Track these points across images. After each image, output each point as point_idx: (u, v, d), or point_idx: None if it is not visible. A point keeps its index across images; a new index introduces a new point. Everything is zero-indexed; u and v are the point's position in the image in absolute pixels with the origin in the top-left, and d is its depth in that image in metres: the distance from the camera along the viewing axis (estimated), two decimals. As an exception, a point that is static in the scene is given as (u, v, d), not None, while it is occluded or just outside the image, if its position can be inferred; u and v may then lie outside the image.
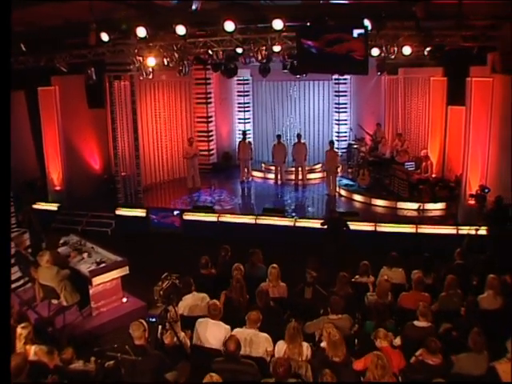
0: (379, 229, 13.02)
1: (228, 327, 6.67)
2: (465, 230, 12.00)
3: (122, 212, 14.58)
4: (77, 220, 14.58)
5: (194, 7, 13.78)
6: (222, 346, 6.05)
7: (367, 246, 11.58)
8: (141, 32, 11.35)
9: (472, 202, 12.96)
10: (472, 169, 13.10)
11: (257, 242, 10.21)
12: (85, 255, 9.48)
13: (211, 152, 20.28)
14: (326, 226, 11.95)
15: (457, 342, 6.60)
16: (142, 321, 6.11)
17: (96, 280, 8.83)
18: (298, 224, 13.37)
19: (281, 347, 6.17)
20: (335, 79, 19.69)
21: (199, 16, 11.41)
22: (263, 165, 19.96)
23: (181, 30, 11.00)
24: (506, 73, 11.88)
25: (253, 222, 13.55)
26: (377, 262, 9.28)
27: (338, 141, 20.00)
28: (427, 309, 6.88)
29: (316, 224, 12.71)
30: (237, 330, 6.56)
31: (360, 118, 19.96)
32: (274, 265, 8.31)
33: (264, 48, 11.56)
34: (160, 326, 6.48)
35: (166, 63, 14.54)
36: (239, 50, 13.56)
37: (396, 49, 11.97)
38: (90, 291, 8.91)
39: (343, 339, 5.93)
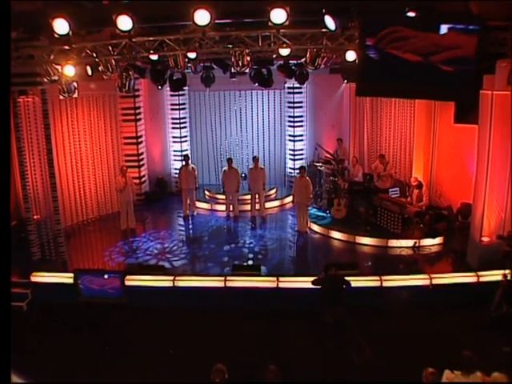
0: (386, 284, 10.10)
1: None
2: (489, 276, 10.08)
3: (39, 278, 10.59)
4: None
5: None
6: None
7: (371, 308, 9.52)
8: (61, 27, 7.58)
9: (487, 240, 10.71)
10: (489, 200, 10.58)
11: (230, 314, 9.25)
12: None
13: (143, 179, 16.75)
14: (319, 286, 9.20)
15: None
16: None
17: None
18: (281, 285, 10.12)
19: None
20: (289, 87, 16.73)
21: (143, 8, 7.92)
22: (207, 193, 16.63)
23: (125, 23, 7.29)
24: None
25: (221, 285, 10.12)
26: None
27: (293, 160, 17.18)
28: None
29: (305, 283, 9.76)
30: None
31: (318, 133, 17.14)
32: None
33: (248, 51, 8.13)
34: None
35: (90, 73, 10.99)
36: (192, 55, 10.27)
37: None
38: None
39: None
